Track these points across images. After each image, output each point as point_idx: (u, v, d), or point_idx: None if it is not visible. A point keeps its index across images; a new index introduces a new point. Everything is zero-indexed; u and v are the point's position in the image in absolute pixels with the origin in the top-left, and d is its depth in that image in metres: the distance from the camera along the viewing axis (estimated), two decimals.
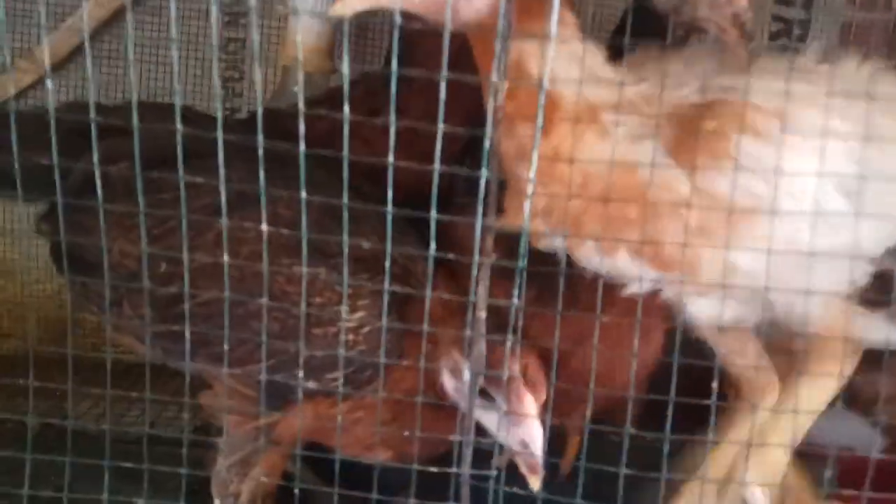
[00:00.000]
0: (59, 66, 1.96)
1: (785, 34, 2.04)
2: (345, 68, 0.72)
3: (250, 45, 1.99)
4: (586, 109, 0.97)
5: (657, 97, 0.99)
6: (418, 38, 0.91)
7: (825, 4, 2.03)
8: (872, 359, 1.06)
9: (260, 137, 0.76)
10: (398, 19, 0.70)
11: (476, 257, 0.76)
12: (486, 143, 0.70)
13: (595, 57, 1.00)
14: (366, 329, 1.00)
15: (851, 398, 1.16)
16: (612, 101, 0.97)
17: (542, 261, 1.01)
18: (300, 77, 1.01)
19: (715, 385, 0.89)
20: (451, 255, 0.80)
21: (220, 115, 0.83)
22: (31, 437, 1.02)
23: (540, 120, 0.76)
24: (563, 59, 0.94)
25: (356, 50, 1.89)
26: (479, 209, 0.72)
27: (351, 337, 0.99)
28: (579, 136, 0.96)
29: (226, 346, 0.91)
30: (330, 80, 1.71)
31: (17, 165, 0.87)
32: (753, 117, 0.97)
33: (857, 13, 2.03)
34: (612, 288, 1.04)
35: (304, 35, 1.60)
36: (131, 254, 1.03)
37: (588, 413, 0.97)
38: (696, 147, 0.97)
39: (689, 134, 0.98)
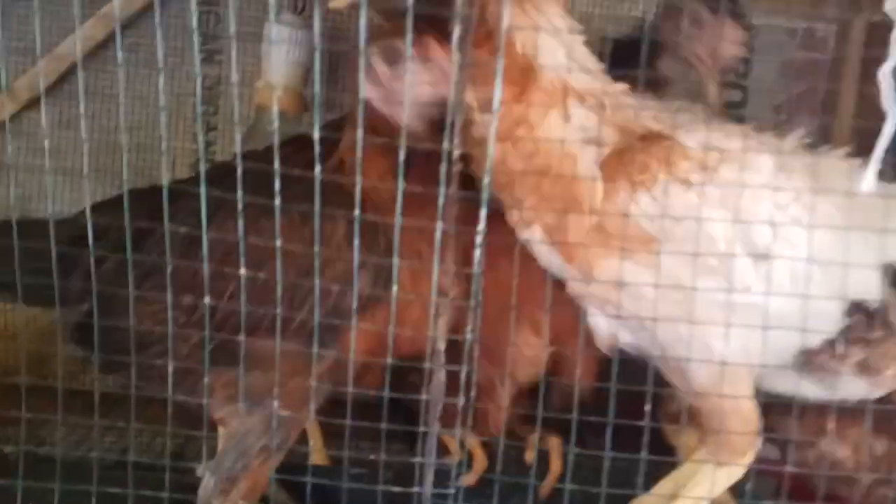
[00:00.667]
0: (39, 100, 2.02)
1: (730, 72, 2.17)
2: (316, 129, 0.81)
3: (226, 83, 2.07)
4: (560, 89, 1.03)
5: (620, 106, 1.07)
6: None
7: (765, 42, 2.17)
8: (783, 406, 1.12)
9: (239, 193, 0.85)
10: (363, 93, 0.79)
11: (434, 297, 0.84)
12: (441, 199, 0.79)
13: (582, 46, 1.07)
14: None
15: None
16: (584, 89, 1.05)
17: None
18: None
19: (648, 408, 0.98)
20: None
21: (202, 166, 0.91)
22: (19, 465, 1.08)
23: (501, 65, 0.82)
24: (552, 40, 1.02)
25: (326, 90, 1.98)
26: (436, 256, 0.80)
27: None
28: (545, 111, 1.03)
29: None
30: (302, 118, 1.80)
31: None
32: (679, 161, 1.04)
33: (797, 53, 2.17)
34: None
35: (275, 75, 1.68)
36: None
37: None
38: (622, 166, 1.05)
39: (622, 153, 1.07)
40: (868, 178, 0.88)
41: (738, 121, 1.99)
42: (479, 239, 0.82)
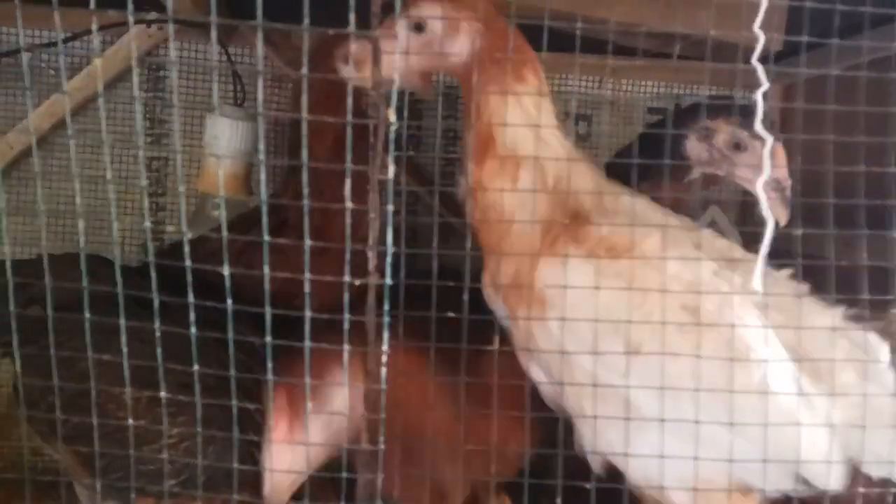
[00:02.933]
0: None
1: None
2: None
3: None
4: (512, 158, 1.16)
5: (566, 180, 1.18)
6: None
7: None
8: None
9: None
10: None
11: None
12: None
13: (553, 133, 1.20)
14: (184, 444, 1.15)
15: None
16: (537, 156, 1.16)
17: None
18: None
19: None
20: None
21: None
22: None
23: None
24: (517, 111, 1.16)
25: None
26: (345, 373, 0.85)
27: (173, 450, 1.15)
28: (499, 175, 1.17)
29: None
30: (247, 203, 1.85)
31: None
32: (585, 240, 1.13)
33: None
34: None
35: (220, 164, 1.73)
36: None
37: None
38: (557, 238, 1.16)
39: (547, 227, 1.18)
40: (756, 280, 0.95)
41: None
42: (384, 358, 0.88)
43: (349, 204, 0.88)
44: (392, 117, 0.90)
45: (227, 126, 1.70)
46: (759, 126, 0.92)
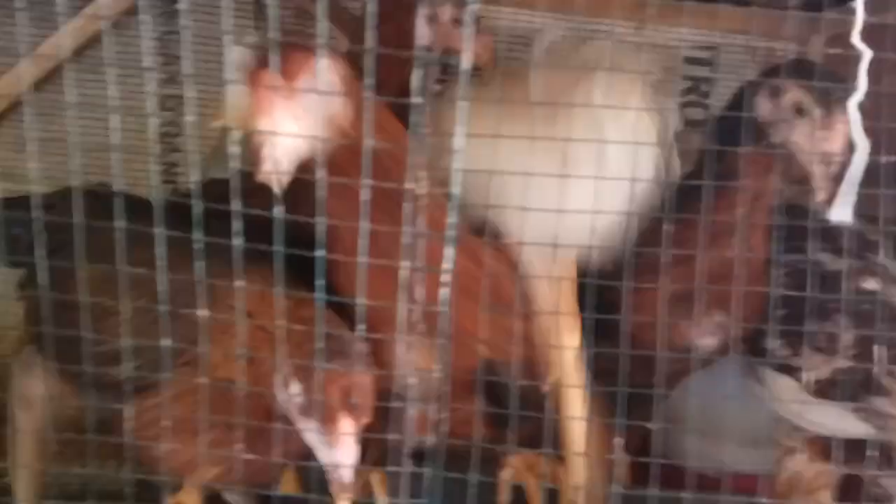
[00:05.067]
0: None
1: (693, 91, 2.20)
2: None
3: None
4: None
5: None
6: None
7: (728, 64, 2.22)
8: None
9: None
10: None
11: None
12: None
13: None
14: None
15: None
16: None
17: None
18: None
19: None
20: None
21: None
22: None
23: None
24: None
25: None
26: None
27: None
28: None
29: None
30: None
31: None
32: None
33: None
34: None
35: (241, 97, 1.65)
36: None
37: None
38: None
39: None
40: (842, 208, 0.88)
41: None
42: (445, 277, 0.81)
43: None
44: None
45: (247, 57, 1.61)
46: (855, 37, 0.85)
